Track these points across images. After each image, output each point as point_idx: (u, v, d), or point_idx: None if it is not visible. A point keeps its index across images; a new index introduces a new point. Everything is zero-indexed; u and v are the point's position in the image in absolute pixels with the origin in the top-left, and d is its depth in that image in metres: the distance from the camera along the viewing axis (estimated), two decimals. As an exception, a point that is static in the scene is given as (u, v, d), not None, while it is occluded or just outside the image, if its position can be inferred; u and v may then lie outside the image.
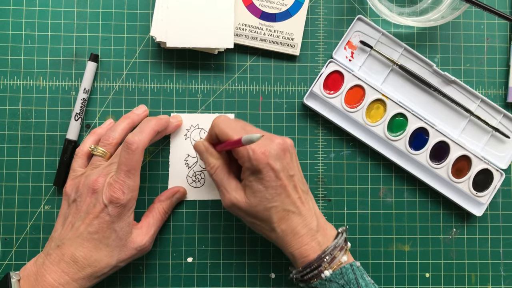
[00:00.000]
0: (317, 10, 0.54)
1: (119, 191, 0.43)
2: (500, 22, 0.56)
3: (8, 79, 0.52)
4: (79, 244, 0.43)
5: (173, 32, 0.50)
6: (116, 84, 0.53)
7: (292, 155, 0.45)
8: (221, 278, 0.52)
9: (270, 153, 0.42)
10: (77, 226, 0.44)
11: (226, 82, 0.54)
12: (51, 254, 0.44)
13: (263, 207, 0.42)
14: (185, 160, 0.52)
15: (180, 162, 0.52)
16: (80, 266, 0.43)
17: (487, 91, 0.55)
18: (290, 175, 0.43)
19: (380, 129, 0.52)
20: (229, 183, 0.44)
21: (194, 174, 0.52)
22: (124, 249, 0.45)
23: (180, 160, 0.52)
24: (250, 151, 0.42)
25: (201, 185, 0.52)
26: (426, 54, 0.55)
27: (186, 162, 0.52)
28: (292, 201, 0.43)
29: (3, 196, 0.51)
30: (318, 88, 0.52)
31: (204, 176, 0.52)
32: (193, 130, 0.52)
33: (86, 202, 0.44)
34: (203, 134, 0.52)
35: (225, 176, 0.44)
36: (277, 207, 0.43)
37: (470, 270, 0.54)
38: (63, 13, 0.53)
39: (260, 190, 0.42)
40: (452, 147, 0.52)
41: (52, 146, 0.52)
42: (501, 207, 0.54)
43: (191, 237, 0.52)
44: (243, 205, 0.43)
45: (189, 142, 0.51)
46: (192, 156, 0.52)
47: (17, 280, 0.43)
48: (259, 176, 0.42)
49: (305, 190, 0.45)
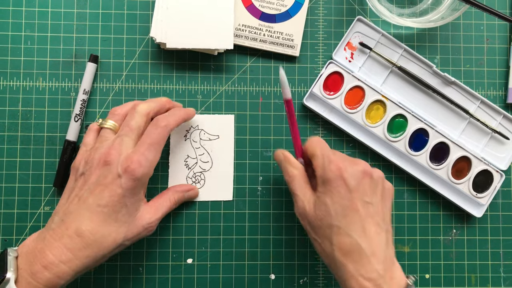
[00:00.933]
0: (317, 11, 0.54)
1: (137, 162, 0.41)
2: (500, 23, 0.56)
3: (8, 80, 0.52)
4: (86, 217, 0.40)
5: (173, 33, 0.50)
6: (116, 85, 0.53)
7: (377, 187, 0.41)
8: (221, 279, 0.52)
9: (346, 169, 0.40)
10: (84, 198, 0.41)
11: (226, 83, 0.54)
12: (54, 229, 0.41)
13: (326, 222, 0.40)
14: (185, 161, 0.51)
15: (180, 163, 0.51)
16: (85, 242, 0.40)
17: (487, 92, 0.55)
18: (365, 201, 0.40)
19: (380, 130, 0.52)
20: (304, 192, 0.43)
21: (194, 175, 0.52)
22: (132, 226, 0.43)
23: (179, 161, 0.51)
24: (326, 160, 0.41)
25: (201, 186, 0.52)
26: (426, 55, 0.55)
27: (186, 163, 0.51)
28: (360, 229, 0.39)
29: (3, 197, 0.51)
30: (318, 89, 0.52)
31: (204, 177, 0.52)
32: (193, 131, 0.51)
33: (95, 173, 0.42)
34: (203, 134, 0.52)
35: (301, 185, 0.43)
36: (340, 228, 0.39)
37: (470, 271, 0.54)
38: (63, 14, 0.53)
39: (327, 204, 0.40)
40: (452, 148, 0.52)
41: (51, 147, 0.52)
42: (501, 208, 0.54)
43: (191, 238, 0.52)
44: (309, 215, 0.42)
45: (189, 143, 0.51)
46: (192, 157, 0.51)
47: (15, 257, 0.40)
48: (328, 187, 0.40)
49: (384, 228, 0.41)
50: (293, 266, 0.52)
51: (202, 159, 0.52)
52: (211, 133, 0.52)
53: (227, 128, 0.52)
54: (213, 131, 0.52)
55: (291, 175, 0.44)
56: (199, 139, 0.52)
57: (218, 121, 0.52)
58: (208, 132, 0.52)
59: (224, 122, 0.52)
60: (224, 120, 0.52)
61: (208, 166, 0.52)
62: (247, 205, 0.53)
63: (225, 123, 0.52)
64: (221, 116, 0.52)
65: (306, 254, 0.53)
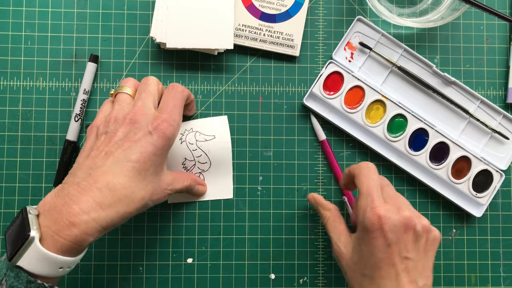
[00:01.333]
0: (317, 11, 0.55)
1: (166, 121, 0.41)
2: (499, 23, 0.56)
3: (8, 80, 0.52)
4: (118, 171, 0.38)
5: (173, 33, 0.50)
6: (116, 85, 0.53)
7: (421, 240, 0.39)
8: (221, 279, 0.52)
9: (388, 220, 0.38)
10: (113, 153, 0.39)
11: (226, 83, 0.54)
12: (79, 183, 0.38)
13: (360, 270, 0.39)
14: (183, 164, 0.51)
15: (178, 167, 0.51)
16: (116, 196, 0.37)
17: (486, 92, 0.55)
18: (404, 257, 0.38)
19: (380, 130, 0.52)
20: (338, 235, 0.43)
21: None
22: (157, 187, 0.42)
23: (177, 164, 0.51)
24: (368, 208, 0.39)
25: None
26: (425, 55, 0.55)
27: (184, 166, 0.51)
28: (393, 285, 0.37)
29: (3, 197, 0.51)
30: (318, 88, 0.52)
31: (203, 177, 0.52)
32: (187, 133, 0.51)
33: (122, 131, 0.40)
34: (198, 136, 0.51)
35: (336, 228, 0.44)
36: (372, 279, 0.38)
37: (470, 271, 0.54)
38: (63, 14, 0.53)
39: (363, 251, 0.39)
40: (452, 148, 0.52)
41: (52, 147, 0.52)
42: (501, 208, 0.54)
43: (191, 238, 0.52)
44: (346, 257, 0.41)
45: (185, 146, 0.51)
46: (190, 159, 0.51)
47: (35, 215, 0.37)
48: (365, 236, 0.39)
49: (420, 284, 0.38)
50: (293, 266, 0.52)
51: (200, 160, 0.51)
52: (206, 134, 0.51)
53: (222, 129, 0.52)
54: (209, 132, 0.51)
55: (324, 217, 0.46)
56: (195, 141, 0.51)
57: (212, 123, 0.52)
58: (203, 133, 0.51)
59: (218, 123, 0.52)
60: (218, 121, 0.52)
61: (207, 167, 0.51)
62: (247, 205, 0.53)
63: (219, 124, 0.52)
64: (214, 118, 0.52)
65: (306, 254, 0.53)
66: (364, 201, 0.40)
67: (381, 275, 0.38)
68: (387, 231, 0.38)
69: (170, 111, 0.42)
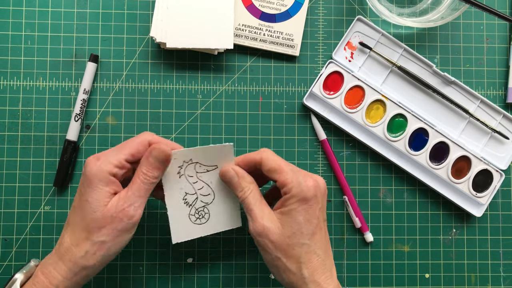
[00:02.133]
0: (317, 11, 0.55)
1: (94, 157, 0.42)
2: (499, 22, 0.56)
3: (8, 79, 0.52)
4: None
5: (173, 32, 0.50)
6: (116, 84, 0.53)
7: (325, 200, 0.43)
8: (221, 278, 0.52)
9: (319, 187, 0.41)
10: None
11: (226, 83, 0.54)
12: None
13: (296, 241, 0.40)
14: (184, 199, 0.45)
15: (179, 203, 0.45)
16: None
17: (486, 91, 0.55)
18: (325, 219, 0.42)
19: (380, 130, 0.52)
20: (262, 209, 0.41)
21: (196, 211, 0.46)
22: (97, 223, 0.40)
23: (178, 200, 0.45)
24: (301, 178, 0.40)
25: (206, 220, 0.46)
26: (425, 55, 0.55)
27: (185, 201, 0.45)
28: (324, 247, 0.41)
29: (3, 196, 0.51)
30: (318, 88, 0.52)
31: (208, 210, 0.46)
32: (186, 166, 0.44)
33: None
34: (199, 167, 0.45)
35: (258, 201, 0.42)
36: (309, 246, 0.40)
37: (470, 271, 0.54)
38: (63, 13, 0.53)
39: (299, 222, 0.40)
40: (451, 148, 0.52)
41: (52, 146, 0.52)
42: (501, 208, 0.54)
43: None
44: (275, 233, 0.40)
45: (184, 180, 0.45)
46: (190, 193, 0.45)
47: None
48: (304, 206, 0.40)
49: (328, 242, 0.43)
50: (293, 266, 0.52)
51: (202, 193, 0.46)
52: (208, 164, 0.45)
53: (226, 157, 0.44)
54: (210, 162, 0.45)
55: (247, 189, 0.42)
56: (195, 173, 0.45)
57: (215, 152, 0.44)
58: (204, 164, 0.45)
59: (222, 152, 0.44)
60: (222, 150, 0.44)
61: (210, 199, 0.46)
62: (247, 204, 0.53)
63: (223, 153, 0.44)
64: (217, 146, 0.44)
65: (306, 253, 0.53)
66: (292, 175, 0.41)
67: (316, 240, 0.41)
68: (319, 197, 0.41)
69: (107, 151, 0.42)
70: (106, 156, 0.41)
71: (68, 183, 0.51)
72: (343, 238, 0.53)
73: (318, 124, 0.53)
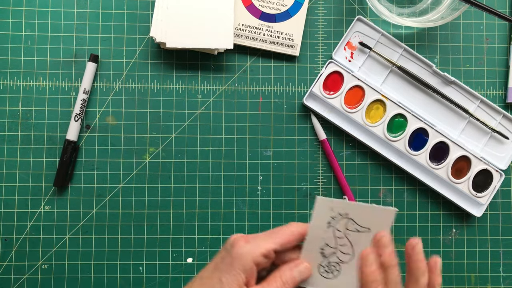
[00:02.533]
0: (317, 11, 0.55)
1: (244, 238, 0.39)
2: (499, 22, 0.56)
3: (8, 79, 0.52)
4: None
5: (173, 32, 0.50)
6: (116, 84, 0.53)
7: None
8: (221, 278, 0.52)
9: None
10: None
11: (226, 83, 0.54)
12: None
13: None
14: (321, 249, 0.42)
15: (315, 250, 0.42)
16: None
17: (486, 91, 0.55)
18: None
19: (380, 130, 0.52)
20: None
21: (328, 263, 0.43)
22: None
23: (315, 247, 0.42)
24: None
25: (334, 277, 0.43)
26: (425, 55, 0.55)
27: (321, 251, 0.42)
28: None
29: (3, 196, 0.51)
30: (318, 88, 0.52)
31: (340, 268, 0.43)
32: (340, 219, 0.42)
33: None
34: (351, 225, 0.42)
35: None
36: None
37: (470, 271, 0.54)
38: (63, 13, 0.53)
39: None
40: (451, 148, 0.52)
41: (52, 146, 0.52)
42: (501, 208, 0.54)
43: (191, 237, 0.52)
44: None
45: (331, 232, 0.42)
46: (331, 246, 0.43)
47: None
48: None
49: None
50: (293, 266, 0.52)
51: (342, 250, 0.43)
52: (361, 225, 0.42)
53: (383, 223, 0.41)
54: (365, 223, 0.42)
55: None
56: (345, 229, 0.42)
57: (374, 213, 0.41)
58: (358, 223, 0.42)
59: (381, 216, 0.41)
60: (382, 214, 0.41)
61: (348, 259, 0.43)
62: (247, 204, 0.53)
63: (383, 218, 0.41)
64: (379, 208, 0.41)
65: (306, 253, 0.53)
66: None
67: None
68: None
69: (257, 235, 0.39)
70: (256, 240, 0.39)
71: (68, 183, 0.52)
72: (343, 238, 0.53)
73: (318, 124, 0.53)
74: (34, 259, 0.51)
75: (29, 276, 0.51)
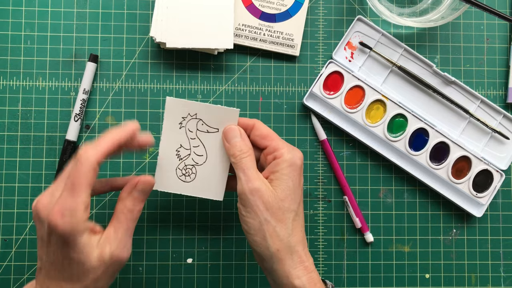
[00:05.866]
0: (317, 11, 0.54)
1: (57, 214, 0.35)
2: (500, 22, 0.56)
3: (8, 79, 0.52)
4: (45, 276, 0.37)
5: (173, 32, 0.50)
6: (115, 84, 0.53)
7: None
8: (221, 279, 0.52)
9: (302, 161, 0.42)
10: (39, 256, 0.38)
11: (225, 83, 0.54)
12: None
13: (288, 205, 0.40)
14: (177, 151, 0.46)
15: (171, 153, 0.46)
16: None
17: (487, 91, 0.55)
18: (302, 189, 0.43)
19: (380, 130, 0.52)
20: (256, 172, 0.41)
21: (185, 166, 0.46)
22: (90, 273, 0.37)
23: (171, 150, 0.46)
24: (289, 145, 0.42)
25: (191, 180, 0.46)
26: (426, 55, 0.55)
27: (177, 153, 0.46)
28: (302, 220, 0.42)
29: (3, 197, 0.51)
30: (318, 88, 0.52)
31: (195, 171, 0.46)
32: (190, 119, 0.45)
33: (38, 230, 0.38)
34: (201, 125, 0.45)
35: (254, 164, 0.41)
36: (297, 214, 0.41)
37: (470, 271, 0.54)
38: (63, 13, 0.53)
39: (290, 188, 0.40)
40: (452, 148, 0.52)
41: (51, 146, 0.52)
42: (501, 208, 0.54)
43: (191, 238, 0.52)
44: (269, 195, 0.40)
45: (183, 132, 0.45)
46: (185, 147, 0.46)
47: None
48: (294, 173, 0.41)
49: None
50: (293, 266, 0.52)
51: (196, 152, 0.46)
52: (210, 125, 0.45)
53: (230, 122, 0.45)
54: (213, 123, 0.45)
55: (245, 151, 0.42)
56: (196, 130, 0.45)
57: (220, 113, 0.45)
58: (207, 123, 0.45)
59: (227, 115, 0.45)
60: (228, 113, 0.45)
61: (202, 160, 0.46)
62: (247, 204, 0.53)
63: (228, 117, 0.45)
64: (224, 108, 0.45)
65: (306, 253, 0.53)
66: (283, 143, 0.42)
67: (300, 210, 0.42)
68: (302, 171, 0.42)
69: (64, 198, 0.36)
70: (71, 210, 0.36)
71: (67, 183, 0.51)
72: (343, 238, 0.53)
73: (318, 124, 0.53)
74: (34, 259, 0.51)
75: (29, 276, 0.51)
